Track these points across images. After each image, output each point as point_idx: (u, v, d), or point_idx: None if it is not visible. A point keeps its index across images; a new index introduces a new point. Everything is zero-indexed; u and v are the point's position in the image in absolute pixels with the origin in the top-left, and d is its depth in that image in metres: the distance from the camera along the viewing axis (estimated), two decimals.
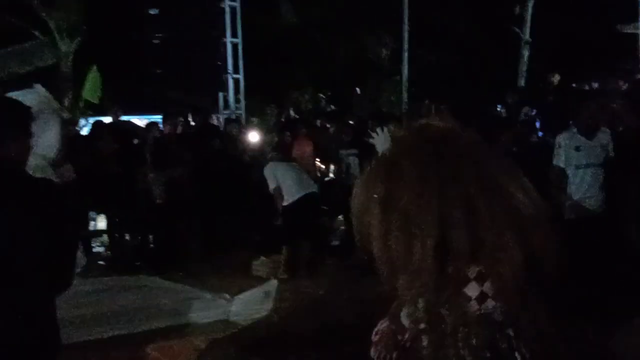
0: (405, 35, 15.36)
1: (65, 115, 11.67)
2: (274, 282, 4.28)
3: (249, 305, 4.09)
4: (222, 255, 8.07)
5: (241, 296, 4.12)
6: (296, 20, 18.63)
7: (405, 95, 15.77)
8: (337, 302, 6.63)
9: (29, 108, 2.76)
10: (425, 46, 17.09)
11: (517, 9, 13.97)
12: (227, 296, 4.10)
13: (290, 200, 7.57)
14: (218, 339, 3.70)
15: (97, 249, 9.76)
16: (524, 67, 13.99)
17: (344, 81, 18.84)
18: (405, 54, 15.59)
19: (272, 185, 7.63)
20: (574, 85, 11.00)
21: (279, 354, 5.16)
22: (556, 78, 10.57)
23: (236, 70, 12.63)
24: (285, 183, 7.62)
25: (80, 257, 3.81)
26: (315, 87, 18.99)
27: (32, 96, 3.67)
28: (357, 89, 19.22)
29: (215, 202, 8.25)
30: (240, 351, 3.90)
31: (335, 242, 8.75)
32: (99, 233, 10.16)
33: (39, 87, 3.73)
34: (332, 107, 17.18)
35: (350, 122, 11.32)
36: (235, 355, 3.77)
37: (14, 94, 3.70)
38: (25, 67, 11.48)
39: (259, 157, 8.92)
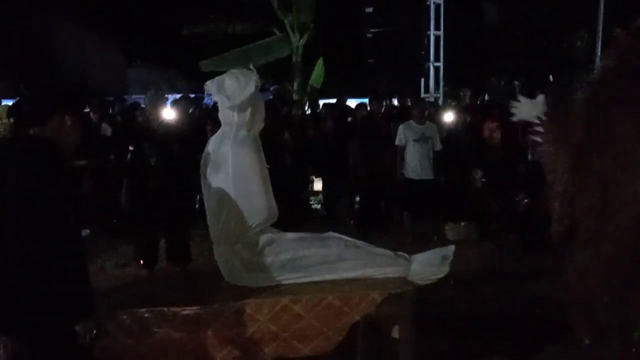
0: (600, 25, 13.57)
1: (295, 97, 12.12)
2: (451, 247, 3.86)
3: (427, 266, 3.73)
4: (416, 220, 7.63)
5: (420, 257, 3.77)
6: (498, 18, 17.50)
7: None
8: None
9: None
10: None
11: None
12: (407, 256, 3.76)
13: (408, 176, 7.22)
14: (394, 294, 3.40)
15: (315, 206, 9.98)
16: None
17: (538, 70, 17.38)
18: (599, 43, 13.79)
19: (398, 142, 7.23)
20: None
21: (452, 313, 4.76)
22: None
23: (437, 59, 12.09)
24: (409, 152, 7.17)
25: None
26: (512, 75, 17.76)
27: (254, 76, 3.69)
28: (551, 77, 17.57)
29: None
30: (416, 307, 3.57)
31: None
32: (316, 193, 10.39)
33: (253, 69, 3.72)
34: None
35: None
36: (410, 310, 3.44)
37: (237, 71, 3.74)
38: (266, 58, 12.06)
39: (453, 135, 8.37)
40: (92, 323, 2.47)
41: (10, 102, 9.46)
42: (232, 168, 3.57)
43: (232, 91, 3.63)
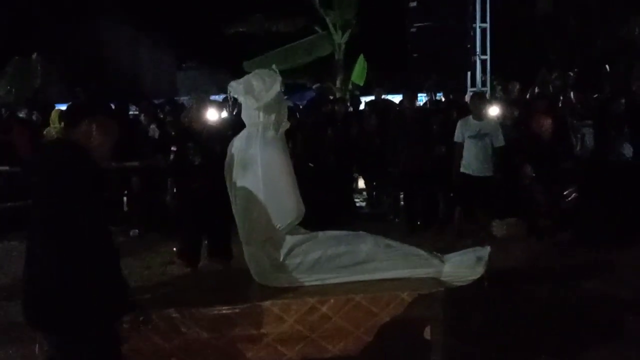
0: None
1: (338, 94, 12.07)
2: (487, 248, 3.73)
3: (461, 267, 3.63)
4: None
5: (453, 258, 3.66)
6: (552, 9, 16.85)
7: None
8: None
9: None
10: None
11: None
12: (441, 256, 3.66)
13: (464, 172, 7.09)
14: (425, 294, 3.32)
15: (360, 204, 9.93)
16: None
17: (593, 60, 16.62)
18: None
19: (455, 139, 7.16)
20: None
21: (486, 312, 4.61)
22: None
23: (484, 52, 11.76)
24: (465, 148, 7.04)
25: None
26: (565, 67, 17.04)
27: (278, 76, 3.69)
28: (607, 66, 16.80)
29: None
30: (449, 307, 3.47)
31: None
32: (361, 190, 10.36)
33: (276, 69, 3.73)
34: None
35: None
36: (443, 310, 3.36)
37: (262, 71, 3.75)
38: (308, 56, 12.05)
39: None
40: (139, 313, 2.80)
41: (64, 107, 9.86)
42: (262, 168, 3.56)
43: (259, 92, 3.63)
